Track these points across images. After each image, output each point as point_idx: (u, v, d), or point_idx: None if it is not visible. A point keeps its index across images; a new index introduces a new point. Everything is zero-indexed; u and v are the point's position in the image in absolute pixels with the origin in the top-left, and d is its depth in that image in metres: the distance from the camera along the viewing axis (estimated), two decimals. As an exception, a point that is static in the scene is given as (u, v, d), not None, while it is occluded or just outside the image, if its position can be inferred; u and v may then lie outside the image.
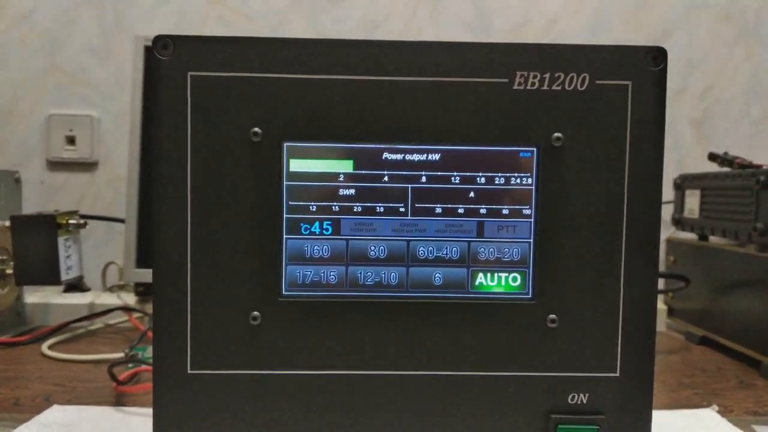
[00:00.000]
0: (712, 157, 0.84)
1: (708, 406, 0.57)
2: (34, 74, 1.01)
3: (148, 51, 0.84)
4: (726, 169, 0.82)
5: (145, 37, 0.85)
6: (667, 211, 0.90)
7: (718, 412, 0.55)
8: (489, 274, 0.38)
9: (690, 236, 0.87)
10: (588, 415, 0.38)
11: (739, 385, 0.65)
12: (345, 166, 0.38)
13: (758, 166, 0.77)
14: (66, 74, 1.01)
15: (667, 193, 0.89)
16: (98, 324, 0.85)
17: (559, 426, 0.37)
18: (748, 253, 0.71)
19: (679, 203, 0.88)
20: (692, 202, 0.84)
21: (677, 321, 0.88)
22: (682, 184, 0.87)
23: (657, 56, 0.37)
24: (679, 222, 0.88)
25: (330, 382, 0.38)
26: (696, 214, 0.83)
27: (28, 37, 1.00)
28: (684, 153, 1.03)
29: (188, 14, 1.00)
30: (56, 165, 1.01)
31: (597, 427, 0.37)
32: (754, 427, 0.52)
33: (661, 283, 0.89)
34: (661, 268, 0.89)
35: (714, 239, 0.82)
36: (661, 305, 0.90)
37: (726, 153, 0.84)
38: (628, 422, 0.38)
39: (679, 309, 0.88)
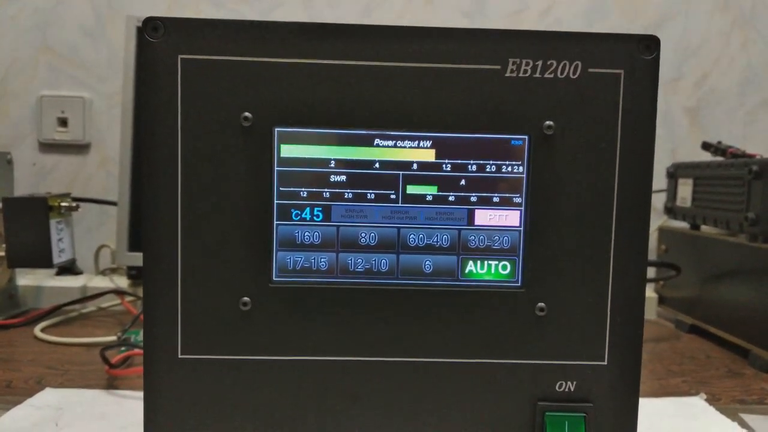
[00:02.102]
0: (706, 146, 0.84)
1: (696, 394, 0.58)
2: (25, 55, 1.00)
3: (141, 32, 0.83)
4: (719, 159, 0.82)
5: (138, 18, 0.84)
6: (659, 200, 0.90)
7: (706, 400, 0.56)
8: (479, 262, 0.38)
9: (682, 225, 0.88)
10: (576, 402, 0.38)
11: (727, 374, 0.66)
12: (336, 153, 0.37)
13: (751, 156, 0.77)
14: (58, 55, 1.00)
15: (661, 181, 0.89)
16: (91, 307, 0.85)
17: (547, 413, 0.38)
18: (740, 243, 0.71)
19: (672, 192, 0.88)
20: (685, 191, 0.84)
21: (667, 309, 0.88)
22: (675, 172, 0.87)
23: (650, 45, 0.37)
24: (671, 211, 0.88)
25: (319, 368, 0.38)
26: (688, 203, 0.83)
27: (19, 17, 0.99)
28: (678, 142, 1.03)
29: (182, -4, 1.00)
30: (48, 147, 1.01)
31: (584, 414, 0.38)
32: (742, 415, 0.53)
33: (652, 272, 0.90)
34: (653, 256, 0.90)
35: (706, 228, 0.83)
36: (651, 293, 0.91)
37: (719, 142, 0.84)
38: (615, 410, 0.38)
39: (670, 297, 0.88)
